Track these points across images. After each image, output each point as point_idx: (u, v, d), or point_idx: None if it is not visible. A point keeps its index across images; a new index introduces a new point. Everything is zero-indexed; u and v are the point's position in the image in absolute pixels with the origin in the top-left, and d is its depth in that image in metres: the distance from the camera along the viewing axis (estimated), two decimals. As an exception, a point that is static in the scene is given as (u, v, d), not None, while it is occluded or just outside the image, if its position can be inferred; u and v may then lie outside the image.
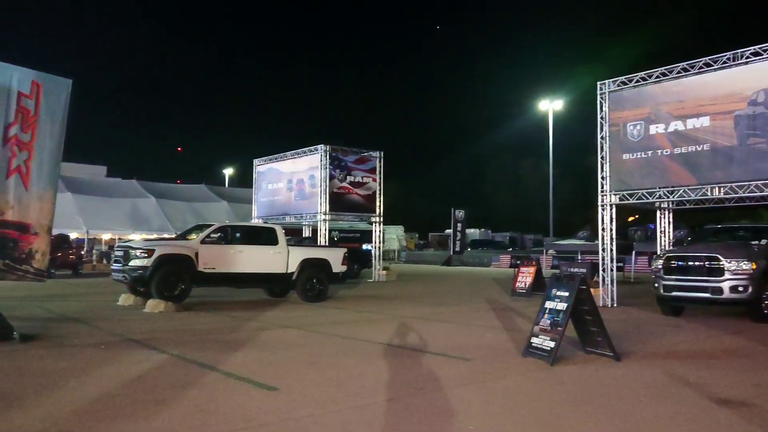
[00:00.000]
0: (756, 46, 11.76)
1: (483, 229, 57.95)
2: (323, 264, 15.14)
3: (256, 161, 27.83)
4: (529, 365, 7.26)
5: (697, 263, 11.31)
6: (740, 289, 10.72)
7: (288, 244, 14.98)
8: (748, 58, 11.90)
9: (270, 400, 5.68)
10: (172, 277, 12.89)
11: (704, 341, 9.27)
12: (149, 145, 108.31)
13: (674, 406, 5.53)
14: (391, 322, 11.16)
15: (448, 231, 45.81)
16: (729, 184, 12.16)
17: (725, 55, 12.19)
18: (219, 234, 13.93)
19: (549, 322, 7.52)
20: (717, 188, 12.41)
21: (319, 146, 22.92)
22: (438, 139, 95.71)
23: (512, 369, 7.11)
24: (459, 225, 41.88)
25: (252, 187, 28.30)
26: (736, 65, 12.07)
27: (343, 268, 15.58)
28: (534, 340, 7.65)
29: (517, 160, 68.20)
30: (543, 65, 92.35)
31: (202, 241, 13.52)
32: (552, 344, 7.29)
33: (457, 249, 41.53)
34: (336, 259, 15.42)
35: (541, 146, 41.84)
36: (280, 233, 14.79)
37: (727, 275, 10.82)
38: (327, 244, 21.60)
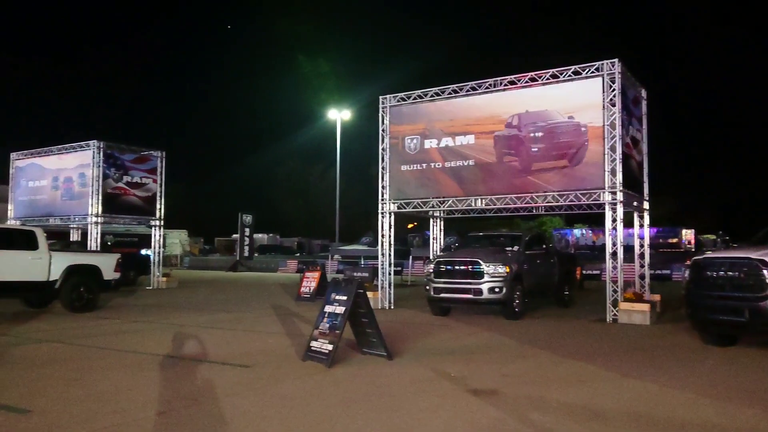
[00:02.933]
0: (512, 76, 13.36)
1: (271, 234, 57.81)
2: (93, 270, 13.90)
3: (13, 155, 24.59)
4: (308, 369, 7.40)
5: (461, 267, 12.47)
6: (496, 290, 12.03)
7: (51, 249, 13.46)
8: (505, 85, 13.47)
9: (18, 424, 5.07)
10: None
11: (466, 338, 10.23)
12: None
13: (437, 399, 6.03)
14: (169, 331, 10.62)
15: (235, 236, 44.89)
16: (490, 196, 13.62)
17: (487, 81, 13.66)
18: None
19: (328, 325, 7.74)
20: (480, 200, 13.83)
21: (91, 142, 20.97)
22: (227, 142, 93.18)
23: (291, 374, 7.19)
24: (247, 230, 41.29)
25: (8, 185, 24.96)
26: (497, 91, 13.59)
27: (116, 275, 14.45)
28: (313, 343, 7.81)
29: (307, 166, 69.22)
30: (334, 76, 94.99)
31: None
32: (330, 347, 7.51)
33: (245, 254, 40.90)
34: (108, 265, 14.25)
35: (331, 154, 43.06)
36: (41, 236, 13.22)
37: (486, 278, 12.08)
38: (98, 249, 19.84)
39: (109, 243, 23.15)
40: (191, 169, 70.81)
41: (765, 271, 7.83)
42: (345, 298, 7.73)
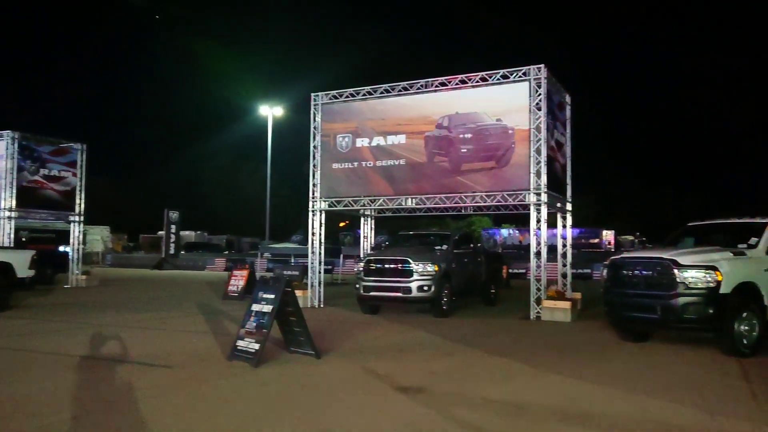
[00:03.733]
0: (443, 78, 13.56)
1: (199, 232, 56.40)
2: (4, 268, 13.15)
3: None
4: (234, 369, 7.27)
5: (391, 266, 12.56)
6: (425, 288, 12.19)
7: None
8: (437, 87, 13.65)
9: None
10: None
11: (395, 336, 10.31)
12: None
13: (364, 397, 6.05)
14: (87, 331, 10.19)
15: (161, 233, 43.50)
16: (420, 196, 13.78)
17: (419, 82, 13.81)
18: None
19: (255, 324, 7.63)
20: (410, 199, 13.96)
21: (4, 132, 19.82)
22: (155, 136, 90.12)
23: (216, 374, 7.04)
24: (173, 227, 40.07)
25: None
26: (428, 92, 13.75)
27: (31, 273, 13.74)
28: (240, 343, 7.68)
29: (238, 162, 67.94)
30: (267, 71, 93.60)
31: None
32: (257, 346, 7.41)
33: (171, 252, 39.71)
34: (21, 262, 13.53)
35: (262, 150, 42.33)
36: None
37: (415, 276, 12.22)
38: (12, 245, 18.80)
39: (23, 239, 21.96)
40: (115, 163, 68.30)
41: (676, 271, 8.26)
42: (273, 296, 7.64)
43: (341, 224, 49.91)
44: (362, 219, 17.03)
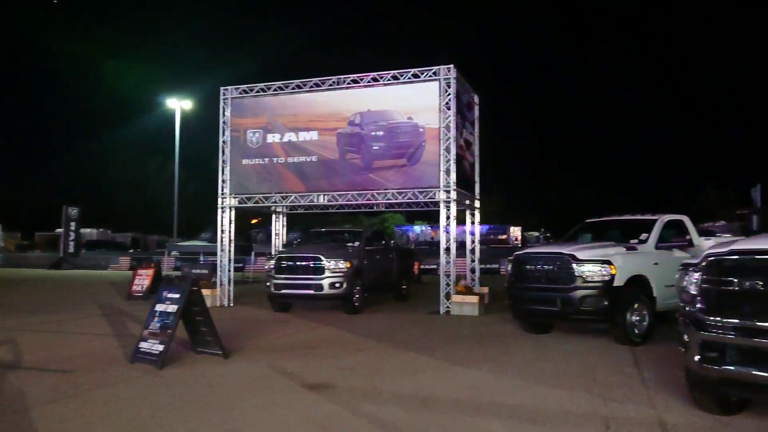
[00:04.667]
0: (355, 75, 13.58)
1: (102, 229, 53.76)
2: None
3: None
4: (137, 371, 7.00)
5: (303, 263, 12.47)
6: (337, 285, 12.19)
7: None
8: (349, 84, 13.67)
9: None
10: None
11: (306, 333, 10.25)
12: None
13: (272, 395, 5.98)
14: (-26, 336, 9.49)
15: (59, 230, 41.12)
16: (332, 193, 13.76)
17: (331, 79, 13.77)
18: None
19: (159, 325, 7.38)
20: (322, 196, 13.91)
21: None
22: (53, 128, 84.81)
23: (118, 377, 6.75)
24: (72, 224, 37.96)
25: None
26: (340, 89, 13.75)
27: None
28: (143, 344, 7.40)
29: (143, 157, 65.18)
30: (175, 63, 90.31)
31: None
32: (161, 347, 7.17)
33: (70, 250, 37.61)
34: None
35: (170, 145, 40.82)
36: None
37: (327, 273, 12.19)
38: None
39: None
40: (8, 157, 63.78)
41: (574, 265, 8.68)
42: (178, 296, 7.41)
43: (253, 221, 49.02)
44: (274, 216, 16.81)
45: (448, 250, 13.09)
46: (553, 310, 8.97)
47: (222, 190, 14.62)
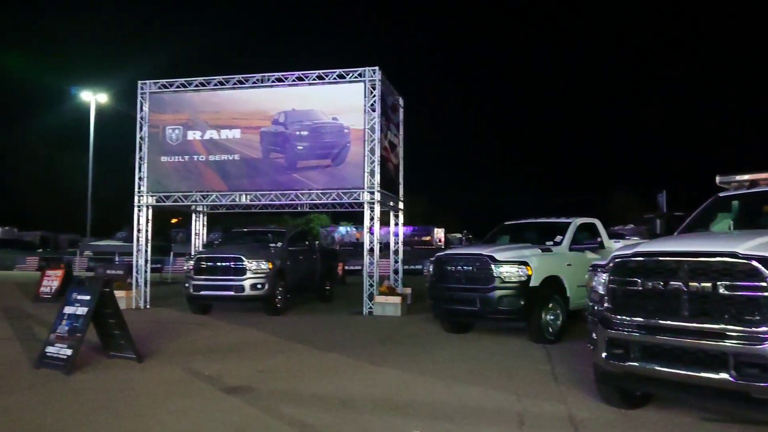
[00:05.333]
0: (279, 73, 13.43)
1: (7, 228, 50.65)
2: None
3: None
4: (43, 377, 6.64)
5: (223, 264, 12.20)
6: (259, 286, 11.99)
7: None
8: (273, 82, 13.50)
9: None
10: None
11: (225, 336, 10.03)
12: None
13: (188, 400, 5.81)
14: None
15: (-41, 229, 38.48)
16: (254, 192, 13.53)
17: (255, 76, 13.55)
18: None
19: (68, 328, 7.03)
20: (245, 195, 13.66)
21: None
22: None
23: (21, 383, 6.39)
24: (-25, 222, 35.62)
25: None
26: (264, 87, 13.55)
27: None
28: (50, 349, 7.03)
29: (56, 152, 61.82)
30: (91, 54, 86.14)
31: None
32: (70, 352, 6.83)
33: (-28, 250, 35.28)
34: None
35: (85, 140, 38.92)
36: None
37: (248, 274, 11.97)
38: None
39: None
40: None
41: (493, 266, 8.92)
42: (88, 297, 7.08)
43: (173, 221, 47.52)
44: (194, 215, 16.37)
45: (371, 251, 13.15)
46: (473, 310, 9.18)
47: (139, 188, 14.09)
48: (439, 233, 55.58)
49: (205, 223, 16.56)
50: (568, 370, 7.04)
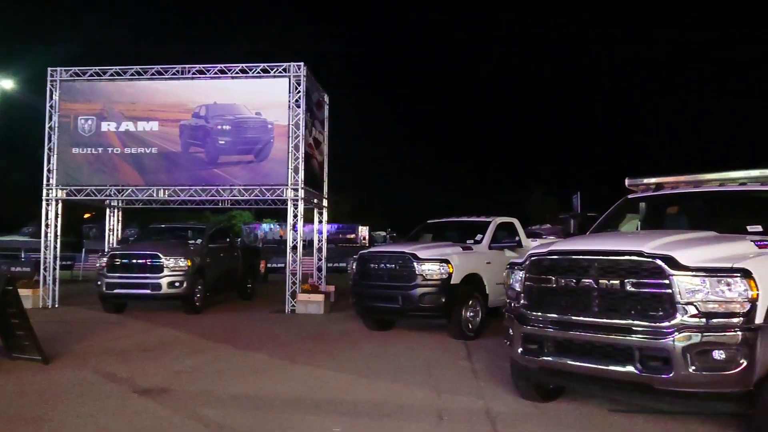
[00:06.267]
0: (201, 65, 13.05)
1: None
2: None
3: None
4: (-66, 383, 6.17)
5: (139, 261, 11.74)
6: (176, 284, 11.62)
7: None
8: (194, 74, 13.09)
9: None
10: None
11: (140, 336, 9.64)
12: None
13: (98, 403, 5.55)
14: None
15: None
16: (173, 187, 13.09)
17: (175, 67, 13.10)
18: None
19: (-36, 329, 6.56)
20: (162, 190, 13.19)
21: None
22: None
23: None
24: None
25: None
26: (185, 78, 13.13)
27: None
28: (-57, 352, 6.54)
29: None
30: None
31: None
32: (-34, 355, 6.38)
33: None
34: None
35: (-13, 129, 36.47)
36: None
37: (165, 272, 11.57)
38: None
39: None
40: None
41: (415, 263, 9.02)
42: (-12, 296, 6.64)
43: (86, 216, 45.37)
44: (108, 210, 15.67)
45: (295, 248, 13.01)
46: (395, 307, 9.25)
47: (48, 181, 13.34)
48: (364, 231, 55.80)
49: (120, 218, 15.88)
50: (487, 365, 7.21)
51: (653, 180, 7.48)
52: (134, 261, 11.79)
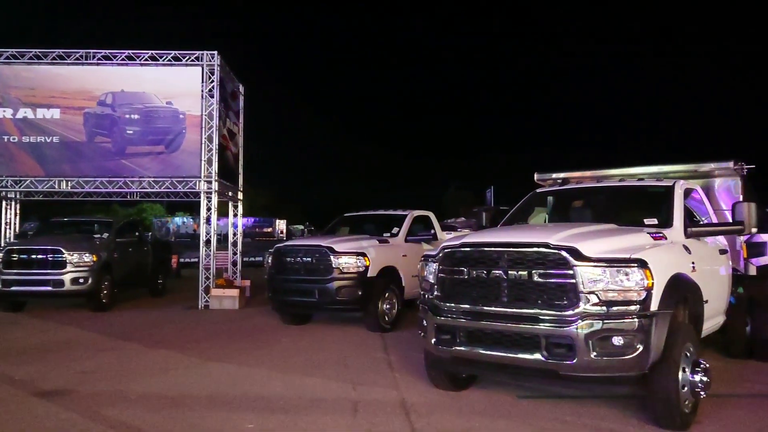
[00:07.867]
0: (107, 51, 12.46)
1: None
2: None
3: None
4: None
5: (39, 256, 11.10)
6: (81, 280, 11.07)
7: None
8: (99, 59, 12.48)
9: None
10: None
11: (41, 335, 9.13)
12: None
13: (-8, 409, 5.21)
14: None
15: None
16: (77, 179, 12.44)
17: (78, 52, 12.44)
18: None
19: None
20: (65, 181, 12.52)
21: None
22: None
23: None
24: None
25: None
26: (89, 64, 12.49)
27: None
28: None
29: None
30: None
31: None
32: None
33: None
34: None
35: None
36: None
37: (69, 267, 11.00)
38: None
39: None
40: None
41: (332, 257, 9.00)
42: None
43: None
44: (4, 202, 14.67)
45: (208, 242, 12.68)
46: (311, 301, 9.21)
47: (-66, 171, 12.35)
48: (281, 225, 55.09)
49: (18, 211, 14.91)
50: (402, 357, 7.31)
51: (560, 175, 7.81)
52: (33, 256, 11.13)
